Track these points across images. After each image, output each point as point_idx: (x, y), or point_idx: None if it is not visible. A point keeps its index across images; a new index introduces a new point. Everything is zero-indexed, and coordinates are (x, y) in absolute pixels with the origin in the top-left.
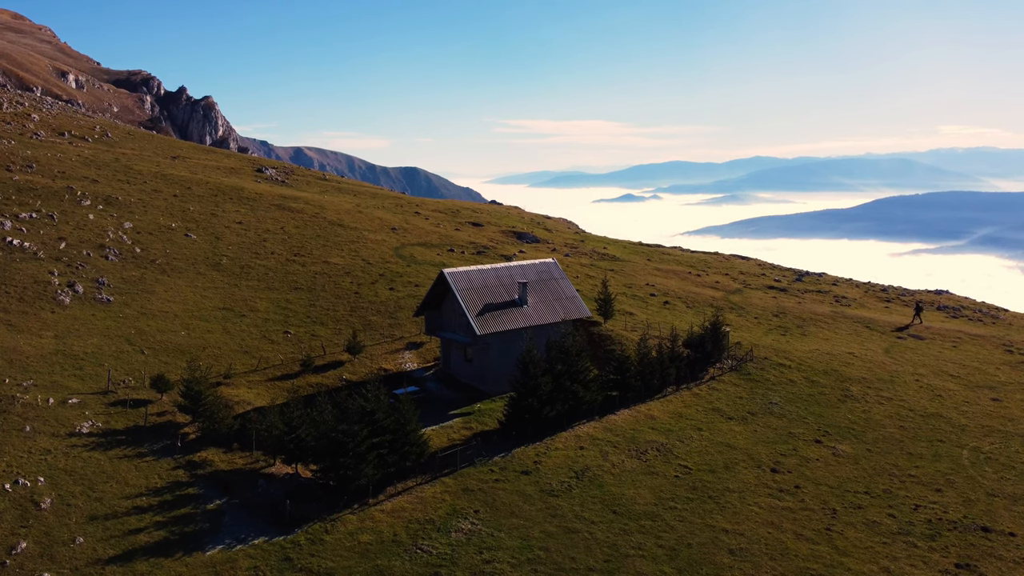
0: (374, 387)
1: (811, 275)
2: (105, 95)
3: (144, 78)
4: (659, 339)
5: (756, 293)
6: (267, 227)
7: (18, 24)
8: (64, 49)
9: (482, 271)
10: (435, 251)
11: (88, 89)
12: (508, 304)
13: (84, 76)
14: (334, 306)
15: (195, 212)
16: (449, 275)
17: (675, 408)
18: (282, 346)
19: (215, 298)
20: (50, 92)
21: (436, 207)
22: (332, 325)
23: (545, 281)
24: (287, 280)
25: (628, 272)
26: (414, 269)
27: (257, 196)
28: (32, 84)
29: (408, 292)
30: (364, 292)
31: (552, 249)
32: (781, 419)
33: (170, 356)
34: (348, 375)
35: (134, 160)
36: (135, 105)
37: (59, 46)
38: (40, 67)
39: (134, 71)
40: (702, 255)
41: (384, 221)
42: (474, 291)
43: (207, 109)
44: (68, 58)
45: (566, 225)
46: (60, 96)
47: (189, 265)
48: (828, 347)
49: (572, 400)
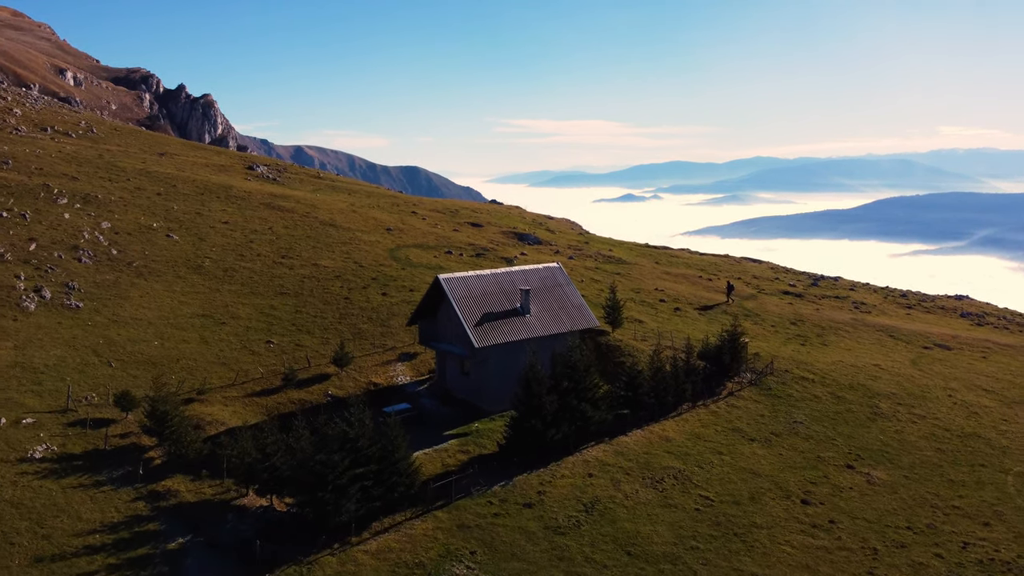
0: (358, 410)
1: (826, 279)
2: (103, 92)
3: (143, 76)
4: (672, 350)
5: (771, 299)
6: (254, 227)
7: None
8: (63, 46)
9: (481, 277)
10: (432, 253)
11: (86, 86)
12: (509, 313)
13: (82, 73)
14: (322, 313)
15: (179, 211)
16: (445, 281)
17: (692, 428)
18: (264, 357)
19: (194, 304)
20: (48, 89)
21: (434, 207)
22: (319, 334)
23: (549, 288)
24: (273, 284)
25: (635, 276)
26: (409, 273)
27: (246, 195)
28: (30, 81)
29: (402, 297)
30: (355, 297)
31: (555, 251)
32: (808, 440)
33: (140, 369)
34: (334, 390)
35: (118, 157)
36: (134, 103)
37: (58, 43)
38: (38, 64)
39: (133, 69)
40: (712, 258)
41: (379, 221)
42: (472, 299)
43: (206, 107)
44: (67, 55)
45: (569, 226)
46: (57, 93)
47: (168, 268)
48: (852, 358)
49: (580, 420)
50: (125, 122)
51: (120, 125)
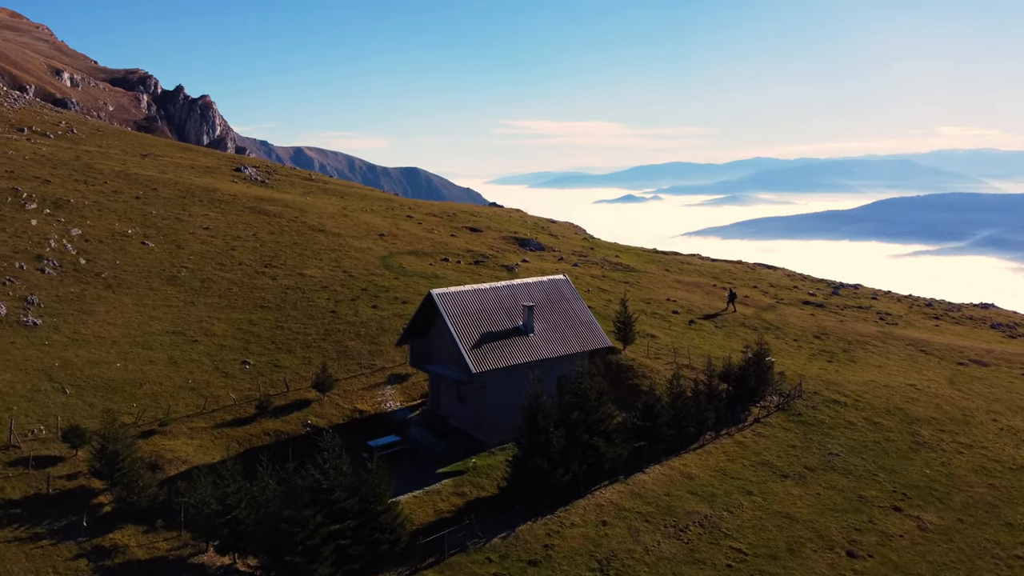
0: (334, 455)
1: (847, 287)
2: (101, 93)
3: (141, 77)
4: (690, 369)
5: (791, 310)
6: (237, 233)
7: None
8: (61, 48)
9: (479, 291)
10: (427, 260)
11: (83, 88)
12: (510, 332)
13: (80, 75)
14: (305, 328)
15: (157, 216)
16: (439, 297)
17: (716, 462)
18: (238, 380)
19: (165, 319)
20: (44, 91)
21: (430, 210)
22: (301, 352)
23: (555, 302)
24: (253, 296)
25: (645, 285)
26: (402, 282)
27: (231, 198)
28: (26, 82)
29: (394, 311)
30: (342, 311)
31: (559, 258)
32: (846, 476)
33: (98, 395)
34: (314, 419)
35: (97, 158)
36: (131, 104)
37: (56, 44)
38: (35, 65)
39: (131, 70)
40: (724, 264)
41: (371, 226)
42: (469, 316)
43: (204, 108)
44: (65, 56)
45: (572, 230)
46: (54, 94)
47: (140, 279)
48: (884, 377)
49: (592, 457)
50: (122, 123)
51: (104, 125)
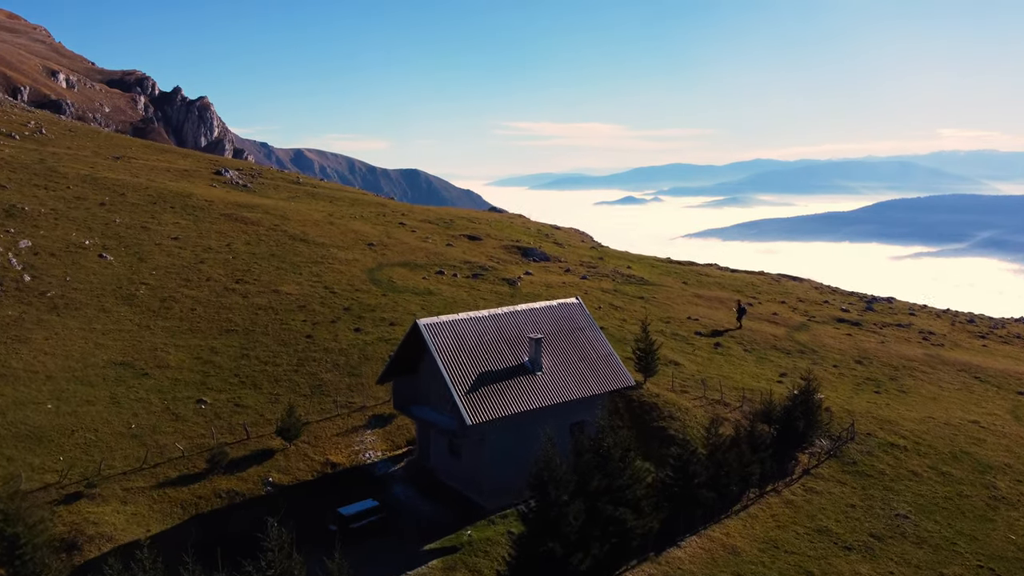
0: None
1: (880, 301)
2: (97, 95)
3: (139, 78)
4: (722, 405)
5: (825, 329)
6: (209, 244)
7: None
8: (58, 49)
9: (476, 321)
10: (420, 274)
11: (79, 89)
12: (514, 371)
13: (76, 76)
14: (275, 357)
15: (121, 225)
16: (428, 329)
17: (765, 531)
18: (190, 424)
19: (114, 347)
20: (38, 92)
21: (425, 216)
22: (268, 388)
23: (567, 332)
24: (218, 318)
25: (662, 300)
26: (391, 300)
27: (206, 204)
28: (20, 83)
29: (379, 334)
30: (319, 335)
31: (565, 269)
32: (921, 547)
33: (19, 447)
34: (277, 475)
35: (64, 161)
36: (128, 105)
37: (53, 46)
38: (30, 66)
39: (128, 71)
40: (745, 276)
41: (360, 234)
42: (464, 352)
43: (202, 110)
44: (62, 58)
45: (579, 237)
46: (48, 96)
47: (92, 298)
48: (941, 412)
49: (616, 533)
50: (118, 124)
51: (78, 126)
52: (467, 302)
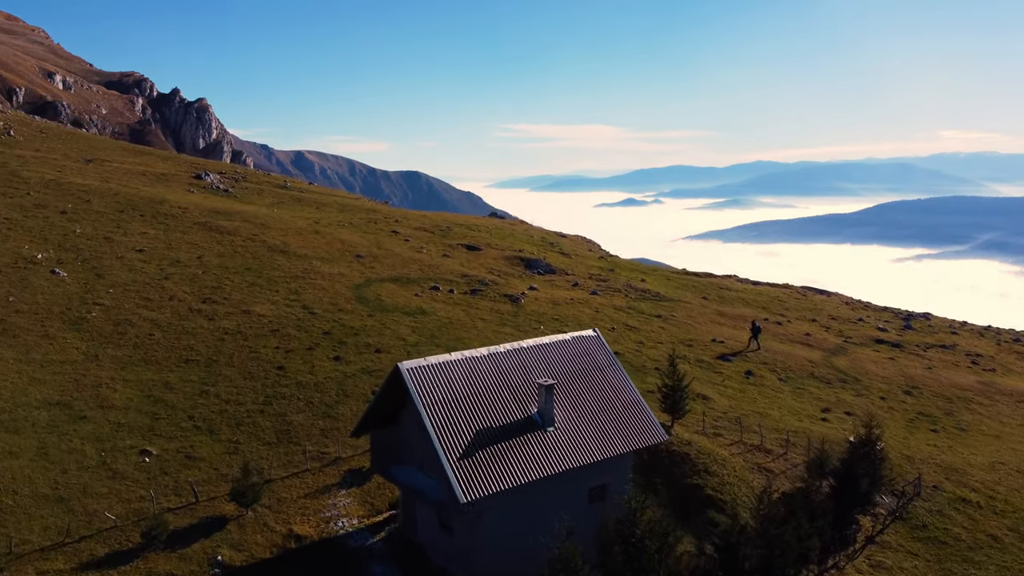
0: None
1: (916, 317)
2: (94, 96)
3: (136, 80)
4: (763, 452)
5: (864, 352)
6: (178, 256)
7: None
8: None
9: (472, 362)
10: (412, 290)
11: (76, 90)
12: (520, 426)
13: (72, 77)
14: (239, 394)
15: (81, 236)
16: (411, 375)
17: None
18: (129, 483)
19: (52, 383)
20: (34, 93)
21: (420, 223)
22: (226, 433)
23: (583, 374)
24: (179, 345)
25: (682, 319)
26: (378, 322)
27: (180, 211)
28: (16, 85)
29: (362, 364)
30: (293, 366)
31: (573, 284)
32: None
33: None
34: (228, 552)
35: (29, 164)
36: (125, 107)
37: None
38: (26, 68)
39: (127, 72)
40: (769, 289)
41: (347, 245)
42: (457, 404)
43: (200, 111)
44: (59, 59)
45: (586, 246)
46: (44, 97)
47: (36, 323)
48: (1009, 455)
49: None
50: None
51: (52, 127)
52: (464, 323)
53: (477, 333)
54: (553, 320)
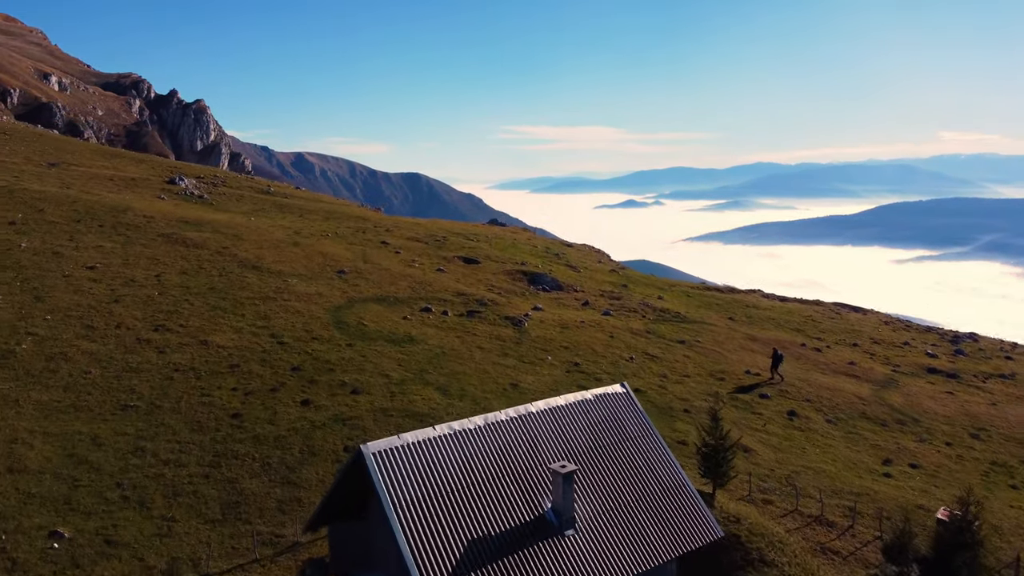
0: None
1: (963, 338)
2: (90, 98)
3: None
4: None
5: (917, 384)
6: (133, 275)
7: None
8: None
9: (461, 439)
10: (401, 311)
11: (72, 91)
12: (527, 529)
13: (69, 78)
14: (181, 453)
15: (27, 251)
16: (378, 460)
17: None
18: None
19: None
20: (29, 94)
21: (413, 232)
22: (160, 506)
23: (610, 449)
24: (118, 386)
25: (709, 345)
26: (358, 353)
27: (145, 221)
28: (10, 86)
29: (335, 410)
30: (251, 412)
31: (583, 302)
32: None
33: None
34: None
35: None
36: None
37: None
38: (21, 68)
39: (124, 74)
40: (799, 307)
41: (329, 258)
42: (440, 500)
43: (198, 113)
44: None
45: (595, 256)
46: (39, 98)
47: None
48: None
49: None
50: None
51: (18, 128)
52: (459, 353)
53: (474, 366)
54: (562, 348)
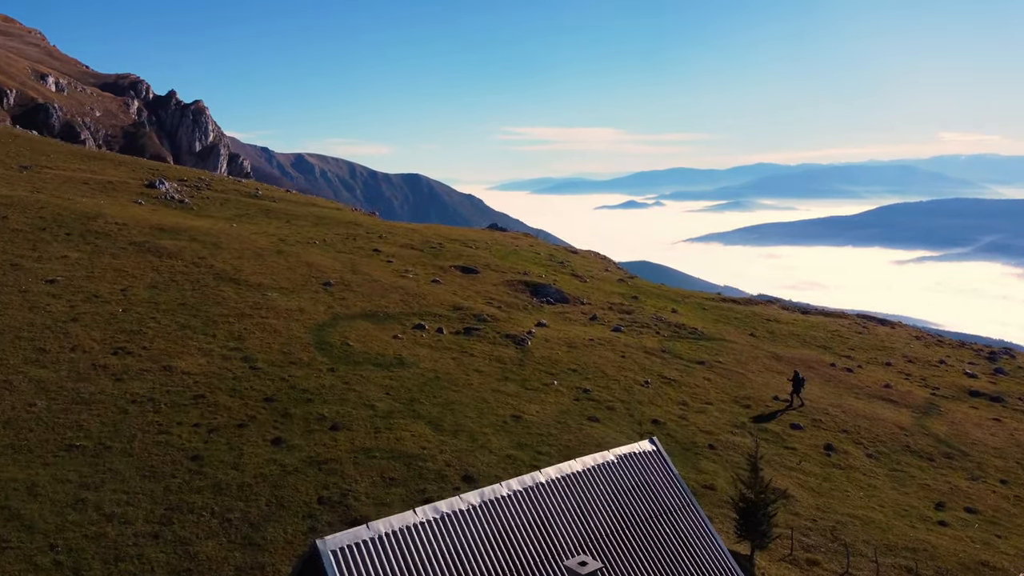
0: None
1: (1000, 355)
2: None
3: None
4: None
5: (961, 409)
6: (97, 289)
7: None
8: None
9: (444, 527)
10: (391, 330)
11: (69, 92)
12: None
13: (66, 79)
14: (129, 503)
15: None
16: (338, 559)
17: None
18: None
19: None
20: (25, 95)
21: (408, 239)
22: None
23: (643, 528)
24: (64, 422)
25: (731, 366)
26: (340, 379)
27: (117, 228)
28: (7, 86)
29: (310, 451)
30: (214, 454)
31: (591, 317)
32: None
33: None
34: None
35: None
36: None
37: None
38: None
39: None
40: (823, 320)
41: (315, 269)
42: None
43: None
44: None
45: (601, 264)
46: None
47: None
48: None
49: None
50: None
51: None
52: (454, 378)
53: (472, 393)
54: (569, 371)
